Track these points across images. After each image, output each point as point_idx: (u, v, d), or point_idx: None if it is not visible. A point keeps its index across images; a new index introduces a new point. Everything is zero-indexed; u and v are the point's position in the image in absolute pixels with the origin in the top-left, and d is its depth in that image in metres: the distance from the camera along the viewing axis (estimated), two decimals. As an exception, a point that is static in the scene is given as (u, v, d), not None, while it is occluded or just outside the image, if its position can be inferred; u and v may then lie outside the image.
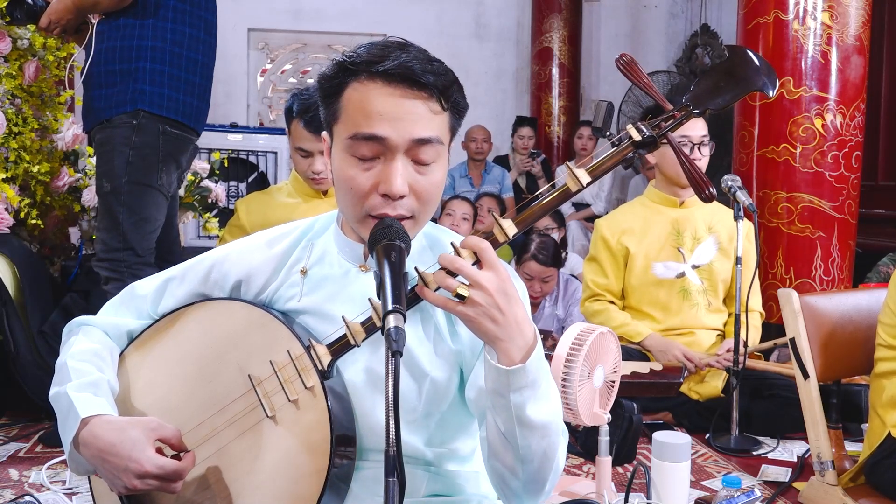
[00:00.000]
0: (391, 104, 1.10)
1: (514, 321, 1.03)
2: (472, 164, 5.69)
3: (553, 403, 1.10)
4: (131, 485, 1.09)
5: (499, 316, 1.02)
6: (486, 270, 1.03)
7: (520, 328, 1.03)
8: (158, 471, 1.08)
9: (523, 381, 1.04)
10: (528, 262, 3.61)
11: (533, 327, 1.07)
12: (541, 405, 1.07)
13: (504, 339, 1.03)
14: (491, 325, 1.03)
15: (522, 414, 1.06)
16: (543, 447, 1.10)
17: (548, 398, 1.08)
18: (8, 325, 2.57)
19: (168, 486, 1.10)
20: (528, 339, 1.05)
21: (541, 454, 1.10)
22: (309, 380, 1.13)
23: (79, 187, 3.02)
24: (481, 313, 1.02)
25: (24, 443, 2.51)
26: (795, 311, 2.11)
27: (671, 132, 1.19)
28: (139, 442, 1.09)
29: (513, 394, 1.05)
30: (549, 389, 1.09)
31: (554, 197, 1.16)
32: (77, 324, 1.31)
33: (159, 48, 2.32)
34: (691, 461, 2.03)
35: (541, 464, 1.11)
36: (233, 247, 1.30)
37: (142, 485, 1.09)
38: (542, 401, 1.07)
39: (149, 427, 1.12)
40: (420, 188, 1.13)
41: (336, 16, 6.97)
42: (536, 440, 1.08)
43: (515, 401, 1.05)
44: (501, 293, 1.02)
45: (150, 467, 1.08)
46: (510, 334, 1.03)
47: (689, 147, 2.78)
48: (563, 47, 6.80)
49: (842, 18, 3.33)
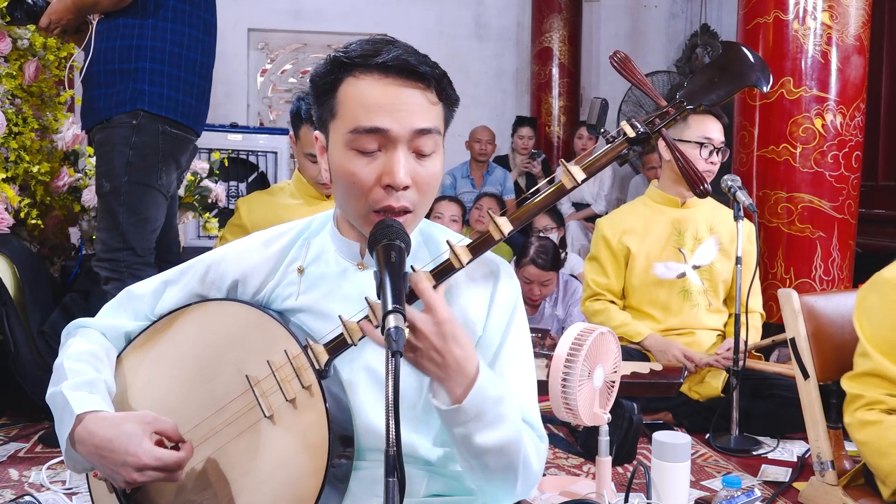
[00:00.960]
0: (390, 95, 1.11)
1: (453, 362, 1.05)
2: (475, 164, 5.69)
3: (507, 424, 1.11)
4: (131, 478, 1.10)
5: (437, 358, 1.05)
6: (423, 313, 1.05)
7: (459, 367, 1.06)
8: (157, 462, 1.09)
9: (464, 418, 1.07)
10: (527, 266, 3.61)
11: (475, 362, 1.08)
12: (489, 432, 1.09)
13: (444, 378, 1.06)
14: (430, 366, 1.05)
15: (470, 444, 1.10)
16: (503, 464, 1.13)
17: (499, 423, 1.10)
18: (8, 325, 2.57)
19: (169, 476, 1.11)
20: (469, 375, 1.07)
21: (501, 470, 1.14)
22: (306, 379, 1.13)
23: (79, 187, 3.02)
24: (420, 355, 1.05)
25: (24, 443, 2.51)
26: (795, 311, 2.11)
27: (665, 128, 1.19)
28: (135, 436, 1.10)
29: (456, 428, 1.09)
30: (499, 414, 1.10)
31: (549, 194, 1.16)
32: (75, 326, 1.31)
33: (159, 48, 2.32)
34: (691, 461, 2.02)
35: (504, 477, 1.15)
36: (229, 247, 1.30)
37: (141, 477, 1.09)
38: (491, 428, 1.09)
39: (144, 420, 1.12)
40: (421, 179, 1.14)
41: (336, 16, 6.97)
42: (493, 460, 1.12)
43: (460, 433, 1.09)
44: (438, 336, 1.04)
45: (147, 460, 1.08)
46: (449, 374, 1.06)
47: (710, 149, 2.76)
48: (563, 47, 6.80)
49: (842, 18, 3.32)
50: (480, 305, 1.24)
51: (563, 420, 1.77)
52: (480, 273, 1.25)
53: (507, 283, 1.26)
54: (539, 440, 1.22)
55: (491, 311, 1.24)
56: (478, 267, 1.25)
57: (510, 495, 1.20)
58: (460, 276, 1.21)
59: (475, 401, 1.07)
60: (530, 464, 1.18)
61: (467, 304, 1.23)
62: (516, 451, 1.14)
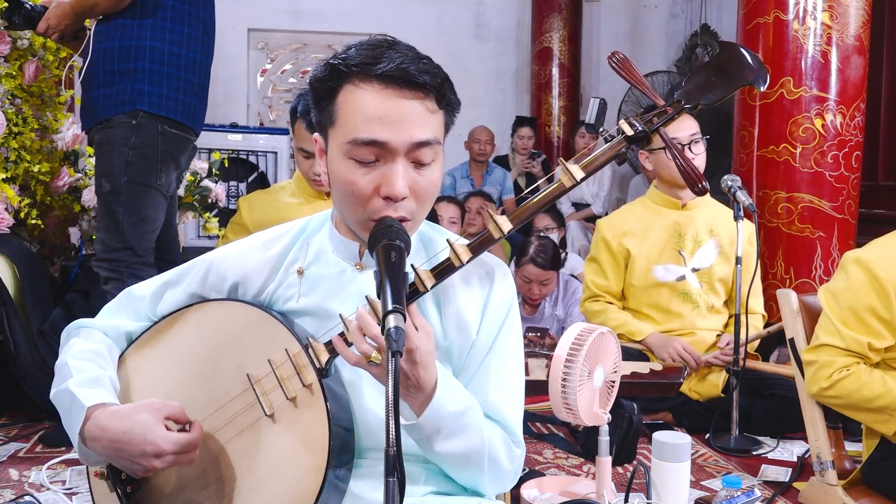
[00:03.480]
0: (389, 107, 1.10)
1: (417, 383, 1.08)
2: (475, 164, 5.69)
3: (469, 434, 1.15)
4: (151, 466, 1.10)
5: (403, 380, 1.08)
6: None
7: (420, 387, 1.09)
8: (175, 447, 1.10)
9: (422, 433, 1.12)
10: (527, 266, 3.61)
11: (434, 379, 1.10)
12: (449, 442, 1.13)
13: (405, 395, 1.10)
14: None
15: (431, 451, 1.15)
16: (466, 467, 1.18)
17: (459, 434, 1.14)
18: (8, 325, 2.57)
19: (185, 457, 1.12)
20: (427, 392, 1.10)
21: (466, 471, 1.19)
22: (307, 378, 1.13)
23: (79, 187, 3.02)
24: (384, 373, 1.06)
25: (24, 443, 2.51)
26: (795, 312, 2.11)
27: (663, 127, 1.19)
28: (150, 424, 1.10)
29: (417, 440, 1.14)
30: (460, 425, 1.13)
31: (548, 193, 1.16)
32: (76, 326, 1.31)
33: (158, 48, 2.32)
34: (691, 461, 2.02)
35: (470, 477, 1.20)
36: (230, 249, 1.30)
37: (161, 464, 1.11)
38: (451, 438, 1.13)
39: (154, 408, 1.13)
40: (419, 189, 1.14)
41: (336, 16, 6.97)
42: (456, 464, 1.17)
43: (421, 443, 1.14)
44: (406, 361, 1.05)
45: (166, 445, 1.09)
46: (410, 392, 1.10)
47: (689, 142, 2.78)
48: (563, 47, 6.80)
49: (842, 18, 3.32)
50: (476, 307, 1.24)
51: (563, 420, 1.77)
52: (476, 274, 1.26)
53: (502, 285, 1.27)
54: (514, 445, 1.24)
55: (486, 313, 1.24)
56: (474, 268, 1.25)
57: (482, 489, 1.23)
58: (456, 278, 1.22)
59: (432, 417, 1.10)
60: (499, 465, 1.21)
61: (463, 307, 1.23)
62: (479, 456, 1.17)
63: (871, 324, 1.88)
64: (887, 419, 1.86)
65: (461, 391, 1.16)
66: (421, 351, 1.05)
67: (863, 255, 1.92)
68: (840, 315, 1.92)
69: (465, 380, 1.22)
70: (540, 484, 1.94)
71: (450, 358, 1.23)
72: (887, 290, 1.86)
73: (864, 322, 1.89)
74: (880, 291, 1.87)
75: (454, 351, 1.23)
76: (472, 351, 1.23)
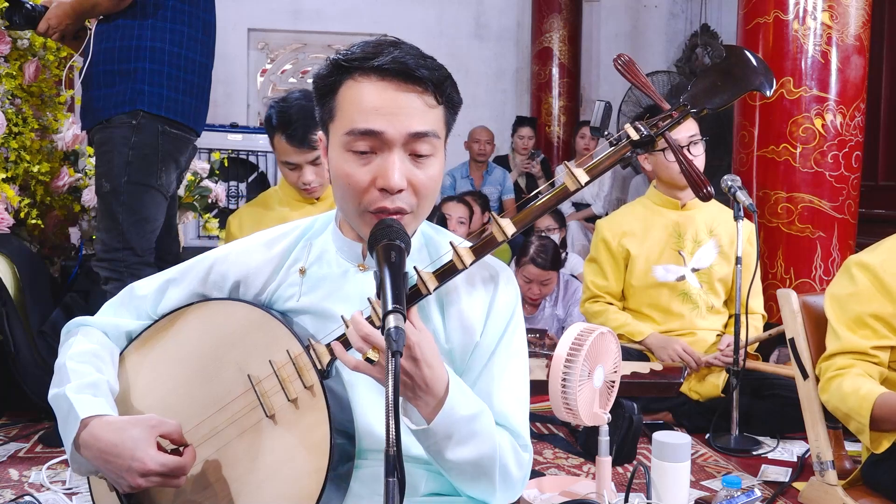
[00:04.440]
0: (386, 98, 1.11)
1: (423, 383, 1.06)
2: (474, 164, 5.69)
3: (480, 440, 1.13)
4: (135, 483, 1.09)
5: (406, 379, 1.06)
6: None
7: (428, 389, 1.07)
8: (162, 468, 1.09)
9: (433, 439, 1.10)
10: (527, 266, 3.61)
11: (445, 381, 1.08)
12: (460, 448, 1.11)
13: (412, 398, 1.08)
14: (400, 388, 1.06)
15: (442, 460, 1.12)
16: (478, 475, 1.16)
17: (471, 439, 1.11)
18: (8, 325, 2.57)
19: (172, 481, 1.11)
20: (438, 396, 1.08)
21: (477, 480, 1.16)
22: (308, 379, 1.13)
23: (79, 187, 3.02)
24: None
25: (24, 443, 2.51)
26: (795, 312, 2.11)
27: (669, 131, 1.19)
28: (141, 441, 1.09)
29: (428, 447, 1.12)
30: (471, 431, 1.12)
31: (552, 196, 1.16)
32: (76, 324, 1.31)
33: (158, 48, 2.32)
34: (691, 461, 2.02)
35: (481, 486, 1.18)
36: (232, 247, 1.30)
37: (146, 482, 1.09)
38: (462, 445, 1.11)
39: (149, 425, 1.12)
40: (418, 182, 1.14)
41: (336, 16, 6.97)
42: (467, 471, 1.14)
43: (432, 450, 1.12)
44: (407, 360, 1.04)
45: (153, 465, 1.08)
46: (418, 395, 1.07)
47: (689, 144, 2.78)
48: (563, 47, 6.80)
49: (842, 18, 3.32)
50: (479, 310, 1.24)
51: (563, 420, 1.77)
52: (480, 277, 1.26)
53: (506, 288, 1.26)
54: (521, 449, 1.23)
55: (490, 317, 1.24)
56: (478, 271, 1.25)
57: (491, 500, 1.21)
58: (460, 280, 1.22)
59: (445, 422, 1.08)
60: (509, 472, 1.19)
61: (466, 309, 1.23)
62: (491, 463, 1.15)
63: (878, 329, 1.89)
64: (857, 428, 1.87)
65: (471, 395, 1.16)
66: (422, 347, 1.05)
67: (867, 260, 1.92)
68: (844, 320, 1.92)
69: (469, 382, 1.22)
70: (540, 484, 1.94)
71: (452, 361, 1.23)
72: (894, 295, 1.87)
73: (871, 327, 1.89)
74: (887, 296, 1.87)
75: (457, 353, 1.22)
76: (476, 353, 1.23)
